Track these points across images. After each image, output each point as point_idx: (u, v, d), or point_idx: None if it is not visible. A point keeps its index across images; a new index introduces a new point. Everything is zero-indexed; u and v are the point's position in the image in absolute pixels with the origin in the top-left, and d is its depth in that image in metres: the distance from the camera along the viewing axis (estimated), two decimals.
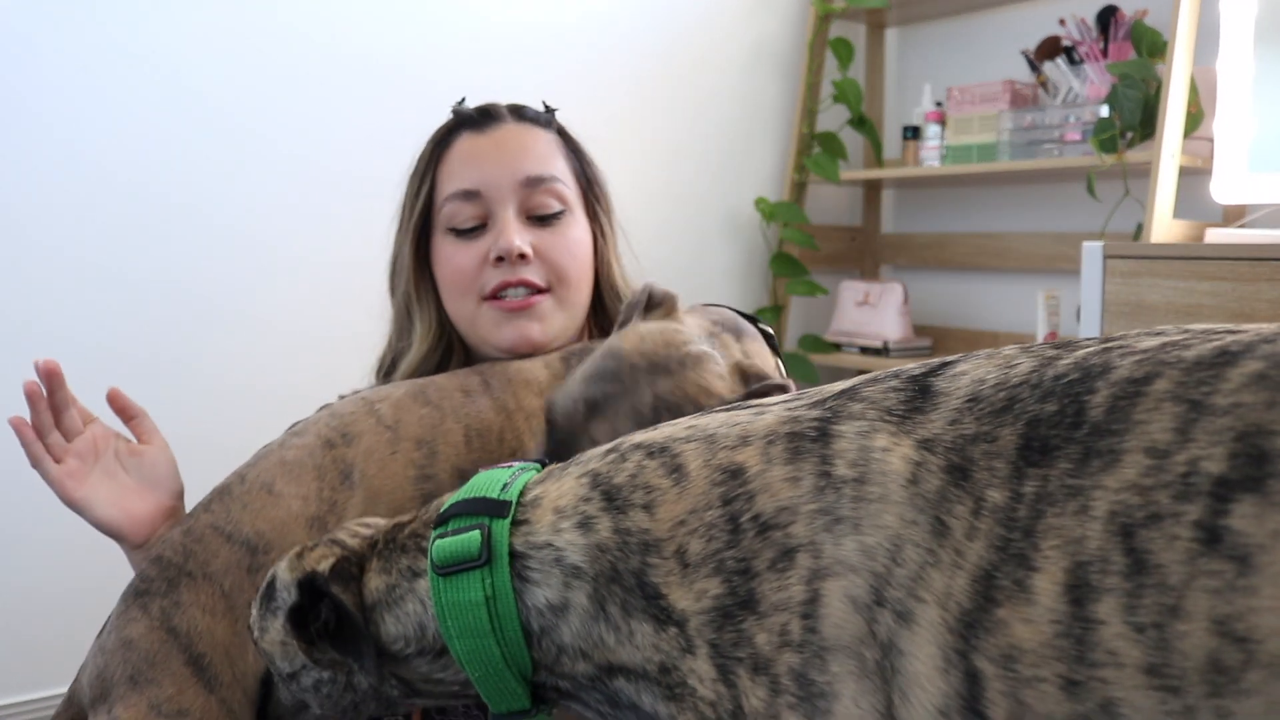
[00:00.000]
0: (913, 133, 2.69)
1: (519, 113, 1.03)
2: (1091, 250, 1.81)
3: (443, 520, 0.67)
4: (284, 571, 0.70)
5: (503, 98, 1.09)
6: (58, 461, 0.86)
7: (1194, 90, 1.99)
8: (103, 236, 1.92)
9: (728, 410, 0.64)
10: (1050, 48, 2.40)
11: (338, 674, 0.70)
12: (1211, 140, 1.96)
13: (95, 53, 1.89)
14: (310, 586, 0.68)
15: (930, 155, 2.60)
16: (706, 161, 2.71)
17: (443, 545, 0.64)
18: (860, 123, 2.77)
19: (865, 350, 2.70)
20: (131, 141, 1.94)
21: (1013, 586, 0.49)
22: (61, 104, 1.87)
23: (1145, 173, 2.08)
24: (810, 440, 0.57)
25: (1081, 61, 2.34)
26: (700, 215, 2.69)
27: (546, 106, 1.07)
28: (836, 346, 2.78)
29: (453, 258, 0.98)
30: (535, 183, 0.97)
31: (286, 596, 0.70)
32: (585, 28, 2.46)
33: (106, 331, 1.93)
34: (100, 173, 1.91)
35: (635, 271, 1.09)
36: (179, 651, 0.76)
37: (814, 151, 2.77)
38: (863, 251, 3.00)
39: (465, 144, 1.00)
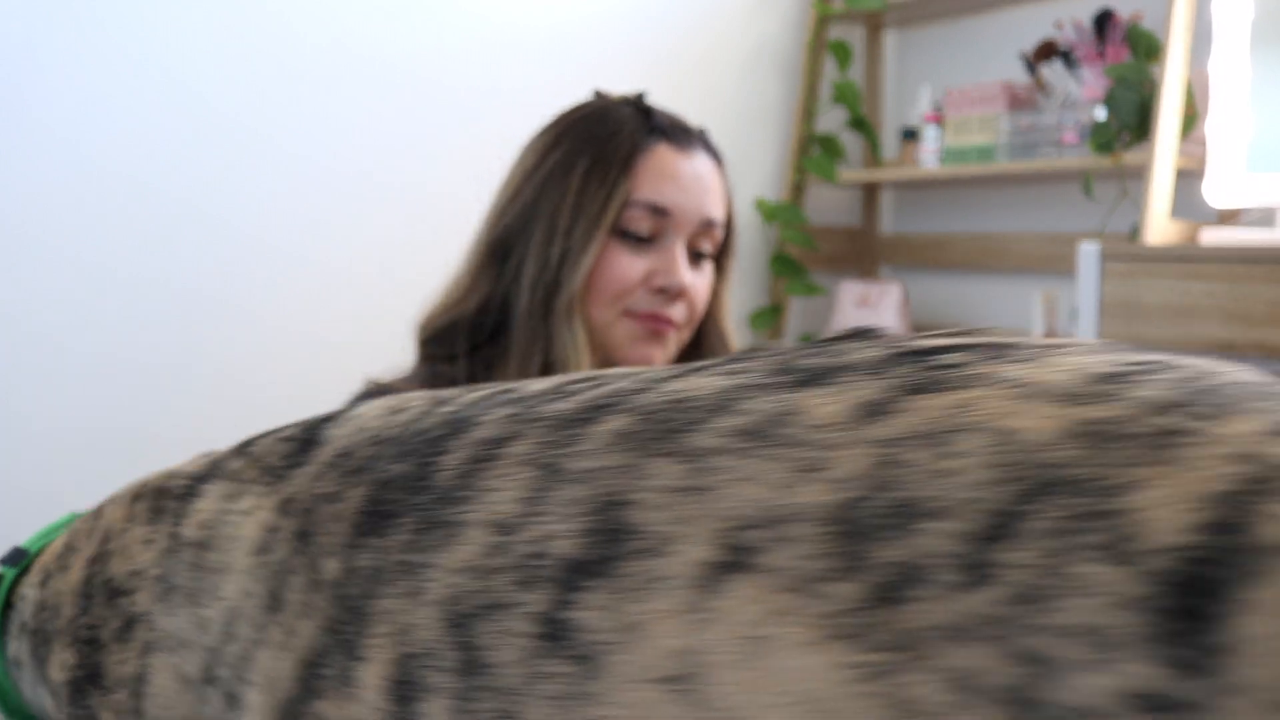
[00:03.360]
0: (911, 134, 2.69)
1: (705, 141, 1.03)
2: (1088, 251, 1.82)
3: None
4: None
5: (503, 98, 1.10)
6: None
7: (1190, 92, 2.00)
8: (104, 237, 1.93)
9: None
10: (1047, 50, 2.41)
11: None
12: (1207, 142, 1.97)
13: (96, 53, 1.90)
14: None
15: (928, 156, 2.61)
16: None
17: None
18: (859, 124, 2.78)
19: None
20: (133, 142, 1.95)
21: (338, 677, 0.42)
22: (62, 104, 1.88)
23: (1142, 174, 2.09)
24: (174, 498, 0.51)
25: (1078, 64, 2.35)
26: None
27: (704, 132, 1.06)
28: None
29: (619, 264, 0.95)
30: (709, 226, 0.98)
31: None
32: (585, 28, 2.47)
33: (106, 332, 1.94)
34: (101, 173, 1.92)
35: None
36: None
37: (813, 153, 2.78)
38: (862, 252, 3.01)
39: (668, 157, 0.97)
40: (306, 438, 0.50)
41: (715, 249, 1.00)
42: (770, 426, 0.35)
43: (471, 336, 0.96)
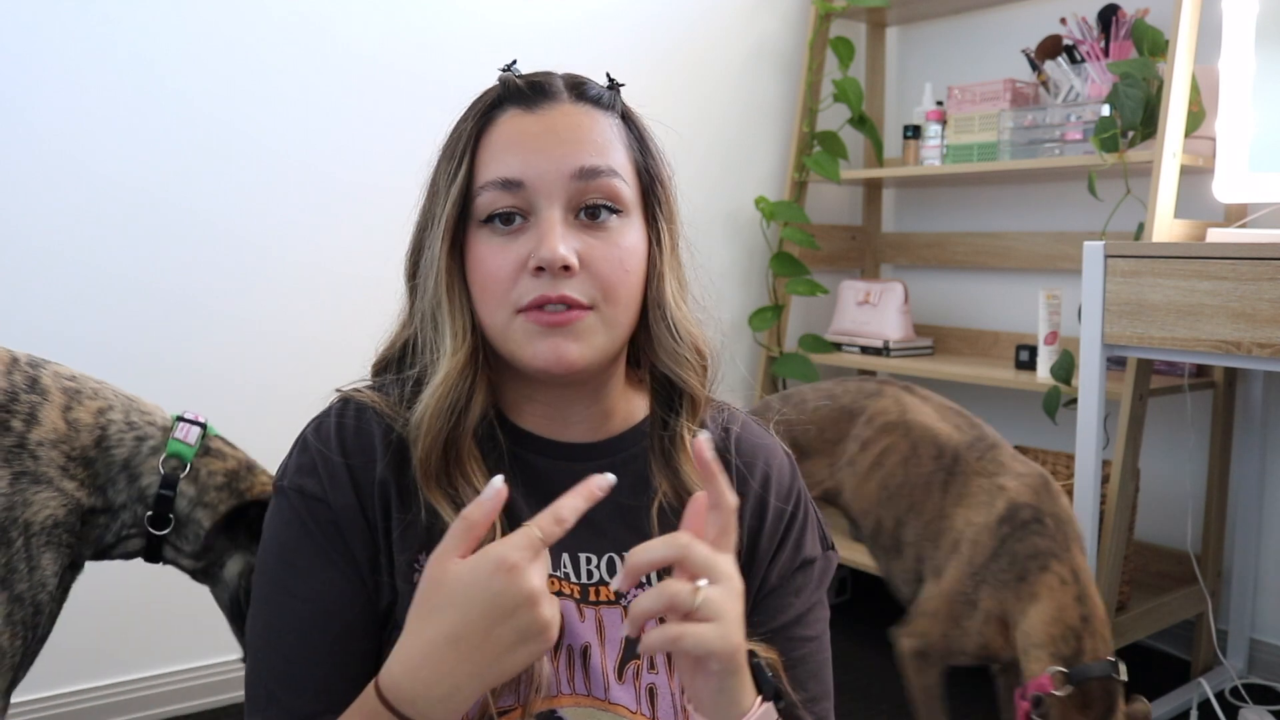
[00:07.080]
0: (913, 132, 2.68)
1: (577, 90, 0.87)
2: (1093, 250, 1.81)
3: None
4: None
5: None
6: None
7: (1195, 89, 1.98)
8: (96, 238, 1.92)
9: None
10: (1051, 47, 2.40)
11: None
12: (1213, 139, 1.95)
13: (85, 53, 1.89)
14: None
15: (931, 154, 2.60)
16: (707, 160, 2.70)
17: None
18: (861, 122, 2.77)
19: (866, 350, 2.69)
20: (123, 143, 1.93)
21: None
22: (52, 105, 1.87)
23: (1146, 172, 2.07)
24: None
25: (1083, 60, 2.33)
26: (700, 214, 2.66)
27: (611, 80, 0.91)
28: (837, 346, 2.77)
29: (487, 259, 0.83)
30: (589, 175, 0.83)
31: None
32: (585, 27, 2.46)
33: (99, 332, 1.93)
34: (91, 174, 1.91)
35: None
36: None
37: (814, 150, 2.76)
38: (863, 251, 2.99)
39: (511, 123, 0.85)
40: None
41: (618, 203, 0.84)
42: None
43: (399, 368, 0.90)
